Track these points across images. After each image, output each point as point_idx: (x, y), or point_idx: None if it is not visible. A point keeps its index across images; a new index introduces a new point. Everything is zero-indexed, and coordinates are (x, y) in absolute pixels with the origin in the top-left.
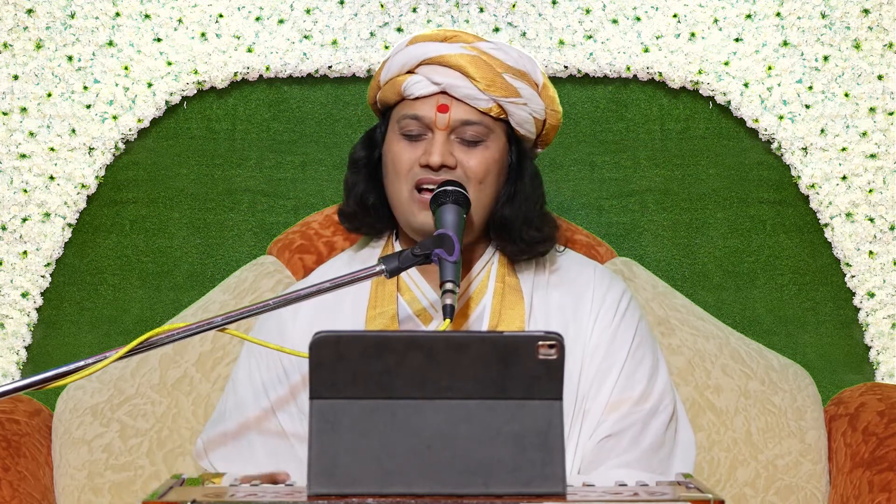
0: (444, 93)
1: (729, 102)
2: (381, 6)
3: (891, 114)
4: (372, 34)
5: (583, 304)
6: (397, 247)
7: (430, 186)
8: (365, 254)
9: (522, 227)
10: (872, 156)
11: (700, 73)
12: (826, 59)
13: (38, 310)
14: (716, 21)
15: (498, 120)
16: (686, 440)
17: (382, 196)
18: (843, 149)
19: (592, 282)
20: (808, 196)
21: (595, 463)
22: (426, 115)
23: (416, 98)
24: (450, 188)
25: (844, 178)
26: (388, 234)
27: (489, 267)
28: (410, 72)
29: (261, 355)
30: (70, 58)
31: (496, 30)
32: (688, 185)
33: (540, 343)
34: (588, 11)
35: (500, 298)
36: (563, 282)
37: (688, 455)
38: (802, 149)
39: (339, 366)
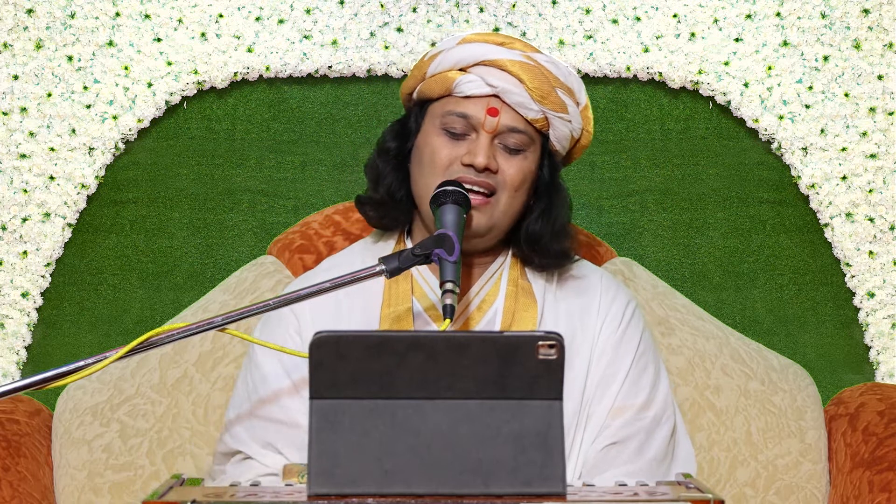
0: (496, 96)
1: (729, 102)
2: (381, 6)
3: (891, 114)
4: (372, 34)
5: (590, 311)
6: (409, 244)
7: (469, 186)
8: (379, 248)
9: (552, 241)
10: (872, 156)
11: (700, 73)
12: (826, 59)
13: (38, 310)
14: (716, 21)
15: (539, 132)
16: (686, 453)
17: (408, 189)
18: (843, 149)
19: (599, 289)
20: (808, 196)
21: (598, 469)
22: (475, 116)
23: (467, 97)
24: (450, 188)
25: (844, 178)
26: (400, 232)
27: (502, 270)
28: (464, 70)
29: (287, 345)
30: (70, 58)
31: (496, 29)
32: (688, 185)
33: (540, 343)
34: (588, 11)
35: (514, 301)
36: (571, 288)
37: (687, 468)
38: (802, 149)
39: (339, 366)
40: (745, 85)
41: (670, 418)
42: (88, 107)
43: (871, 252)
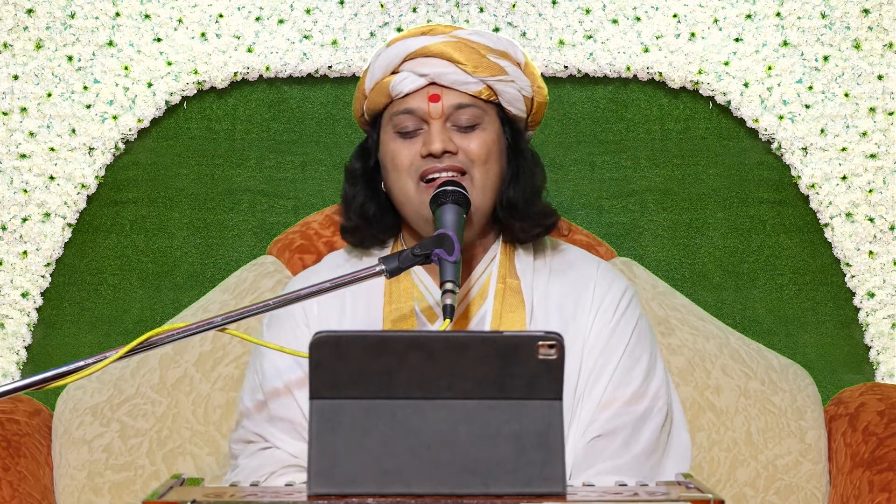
0: (432, 83)
1: (729, 102)
2: (381, 6)
3: (891, 114)
4: (372, 34)
5: (583, 301)
6: (405, 245)
7: (436, 175)
8: (373, 251)
9: (530, 202)
10: (872, 156)
11: (700, 73)
12: (826, 59)
13: (38, 310)
14: (716, 21)
15: (489, 102)
16: (681, 445)
17: (383, 204)
18: (843, 149)
19: (594, 279)
20: (808, 196)
21: (586, 463)
22: (419, 108)
23: (406, 95)
24: (450, 188)
25: (844, 178)
26: (395, 238)
27: (491, 269)
28: (395, 71)
29: (295, 344)
30: (70, 58)
31: (496, 29)
32: (688, 185)
33: (540, 343)
34: (588, 11)
35: (501, 302)
36: (564, 277)
37: (682, 461)
38: (802, 149)
39: (339, 366)
40: (745, 85)
41: (662, 410)
42: (88, 107)
43: (871, 252)
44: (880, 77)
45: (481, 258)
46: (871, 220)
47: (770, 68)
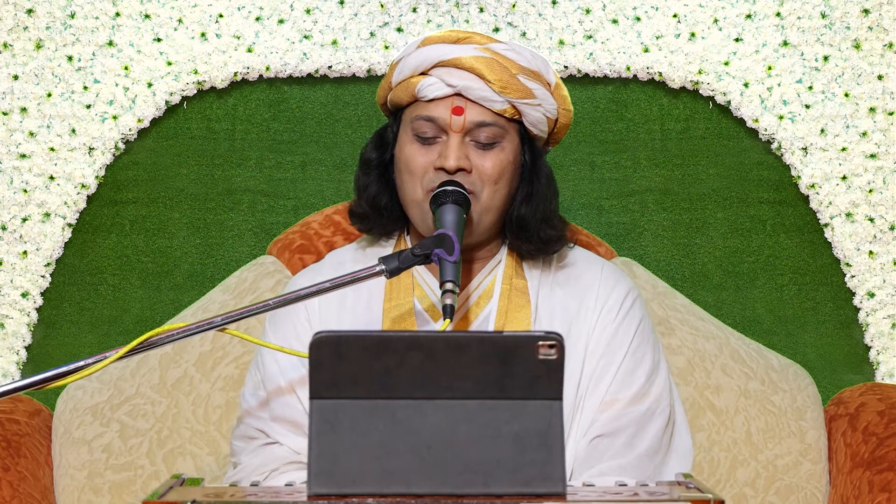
0: (458, 95)
1: (729, 102)
2: (381, 6)
3: (891, 114)
4: (372, 34)
5: (587, 302)
6: (409, 243)
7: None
8: (376, 250)
9: (539, 226)
10: (872, 156)
11: (700, 73)
12: (826, 59)
13: (38, 310)
14: (716, 21)
15: (511, 121)
16: (683, 448)
17: (394, 196)
18: (843, 149)
19: (598, 280)
20: (808, 196)
21: (588, 462)
22: (441, 118)
23: (431, 100)
24: (450, 188)
25: (844, 178)
26: (399, 234)
27: (497, 269)
28: (424, 73)
29: (296, 340)
30: (70, 58)
31: (496, 30)
32: (688, 185)
33: (540, 343)
34: (588, 11)
35: (507, 300)
36: (569, 279)
37: (684, 463)
38: (802, 149)
39: (339, 366)
40: (745, 85)
41: (665, 411)
42: (88, 107)
43: (871, 252)
44: (880, 77)
45: (488, 261)
46: (871, 220)
47: (770, 68)
